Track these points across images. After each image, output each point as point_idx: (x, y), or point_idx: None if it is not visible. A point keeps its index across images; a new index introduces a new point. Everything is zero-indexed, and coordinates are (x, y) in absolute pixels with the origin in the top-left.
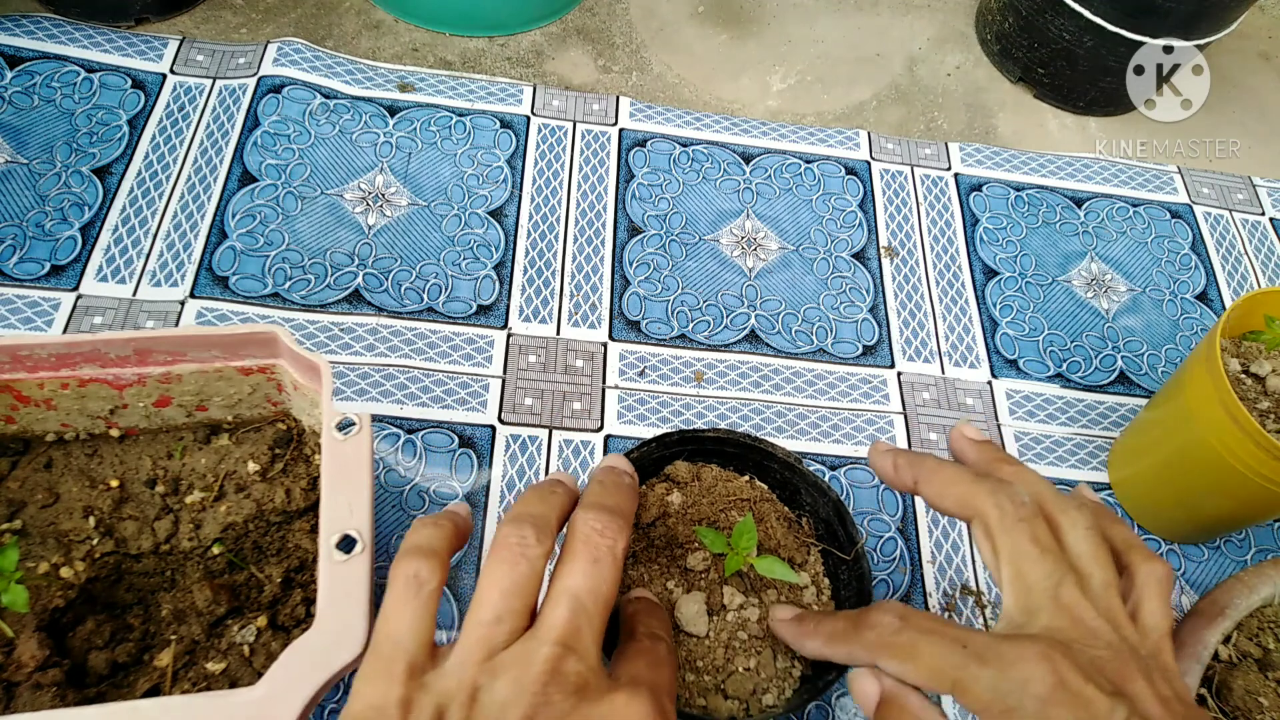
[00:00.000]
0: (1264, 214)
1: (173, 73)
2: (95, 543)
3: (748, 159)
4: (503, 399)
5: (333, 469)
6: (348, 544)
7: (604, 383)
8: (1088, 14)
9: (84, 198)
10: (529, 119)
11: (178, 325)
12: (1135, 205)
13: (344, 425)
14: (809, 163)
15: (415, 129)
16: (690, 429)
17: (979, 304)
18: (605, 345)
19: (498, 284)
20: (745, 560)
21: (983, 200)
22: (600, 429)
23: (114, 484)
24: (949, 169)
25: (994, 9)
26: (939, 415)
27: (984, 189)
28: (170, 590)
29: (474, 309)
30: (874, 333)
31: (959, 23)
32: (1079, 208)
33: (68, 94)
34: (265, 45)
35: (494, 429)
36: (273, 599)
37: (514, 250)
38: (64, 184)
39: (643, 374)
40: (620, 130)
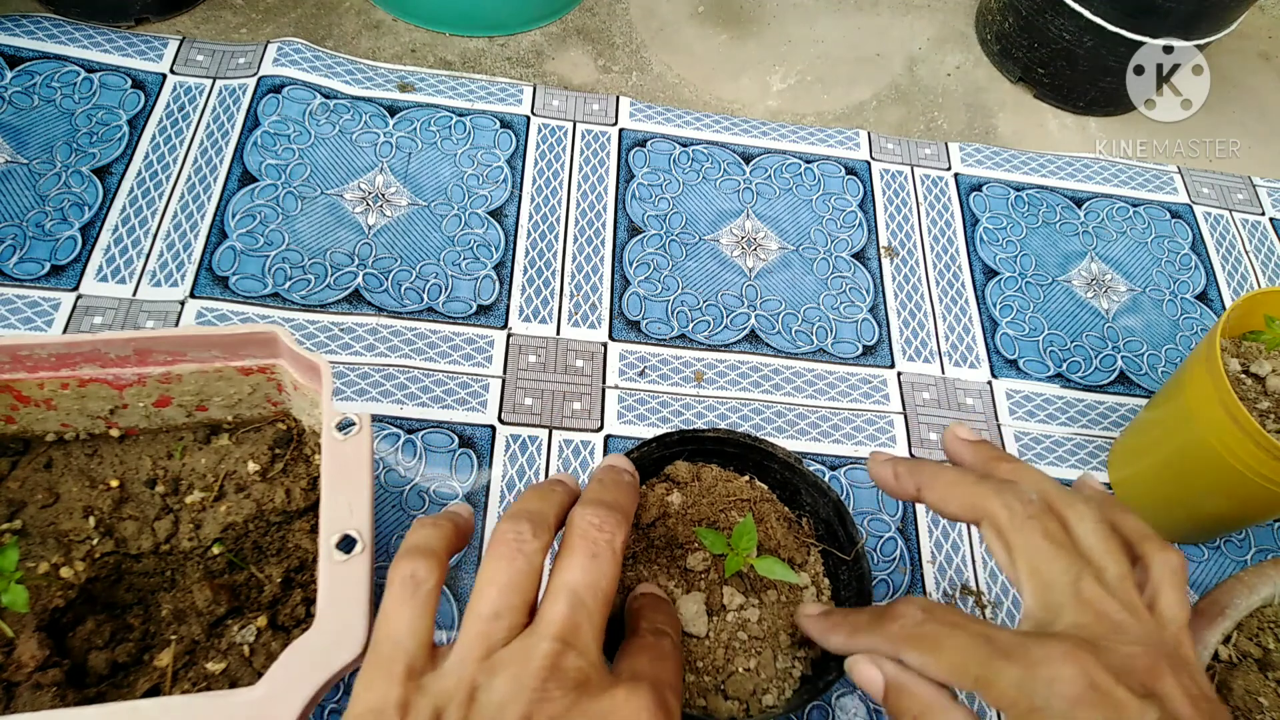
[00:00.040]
0: (1264, 214)
1: (173, 73)
2: (95, 543)
3: (748, 159)
4: (503, 399)
5: (333, 469)
6: (348, 544)
7: (604, 383)
8: (1088, 14)
9: (84, 198)
10: (529, 119)
11: (178, 325)
12: (1135, 205)
13: (344, 425)
14: (809, 163)
15: (415, 129)
16: (690, 429)
17: (979, 304)
18: (605, 345)
19: (498, 284)
20: (745, 561)
21: (983, 200)
22: (600, 429)
23: (114, 484)
24: (949, 169)
25: (994, 9)
26: (939, 415)
27: (984, 189)
28: (170, 590)
29: (474, 309)
30: (874, 333)
31: (959, 23)
32: (1079, 208)
33: (68, 94)
34: (265, 45)
35: (494, 429)
36: (273, 599)
37: (514, 250)
38: (64, 184)
39: (643, 374)
40: (620, 130)
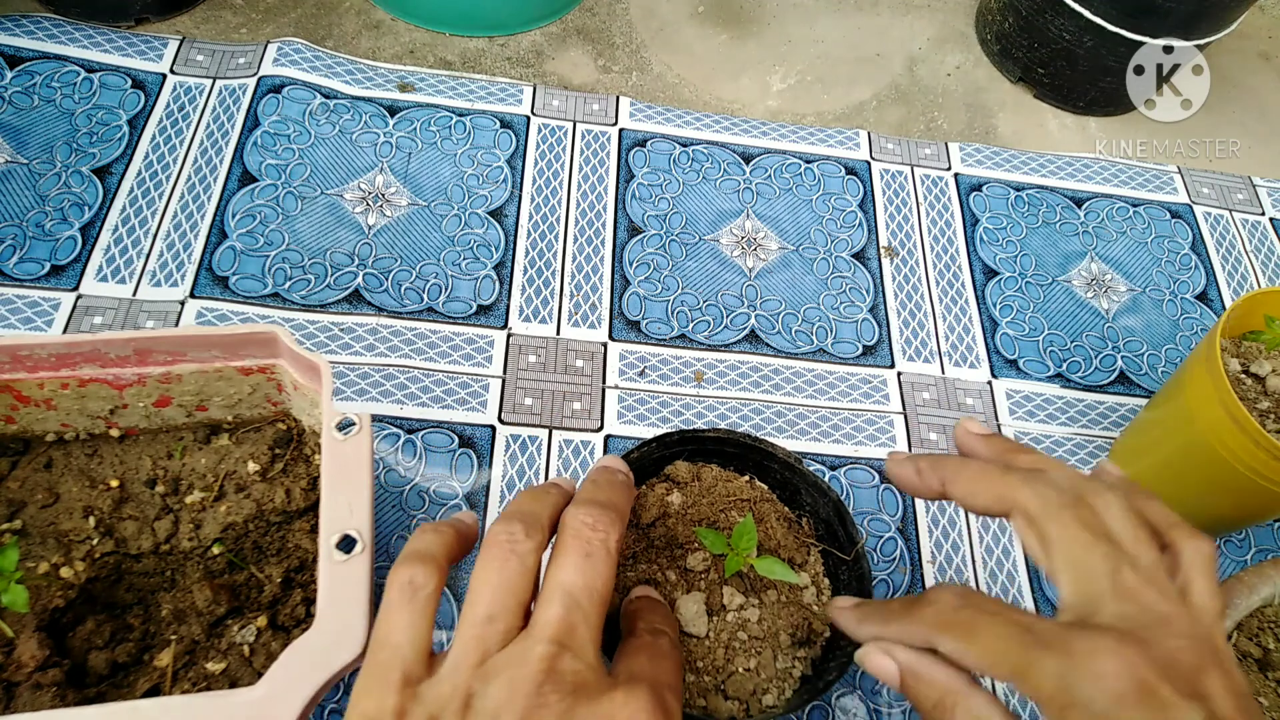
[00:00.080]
0: (1264, 214)
1: (173, 73)
2: (95, 543)
3: (748, 159)
4: (503, 399)
5: (333, 469)
6: (348, 544)
7: (604, 383)
8: (1088, 14)
9: (84, 198)
10: (529, 119)
11: (178, 325)
12: (1135, 205)
13: (344, 425)
14: (809, 163)
15: (415, 129)
16: (690, 429)
17: (979, 304)
18: (605, 345)
19: (498, 284)
20: (745, 561)
21: (983, 200)
22: (600, 429)
23: (114, 484)
24: (949, 169)
25: (994, 9)
26: (939, 415)
27: (984, 189)
28: (170, 590)
29: (474, 309)
30: (874, 333)
31: (959, 23)
32: (1079, 208)
33: (68, 94)
34: (265, 45)
35: (494, 429)
36: (273, 599)
37: (514, 250)
38: (64, 184)
39: (643, 374)
40: (620, 130)
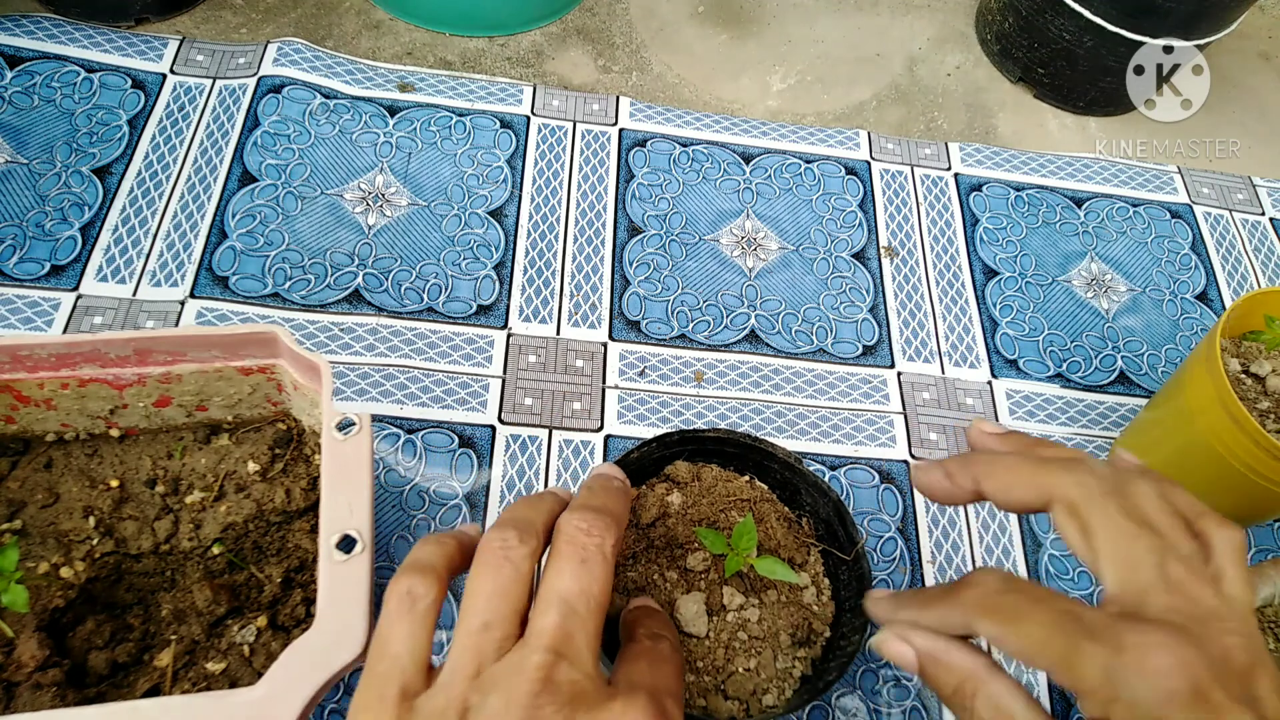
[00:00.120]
0: (1264, 214)
1: (173, 73)
2: (95, 543)
3: (748, 159)
4: (503, 399)
5: (333, 469)
6: (348, 544)
7: (604, 383)
8: (1088, 14)
9: (84, 198)
10: (529, 119)
11: (178, 325)
12: (1135, 205)
13: (344, 425)
14: (809, 163)
15: (415, 129)
16: (690, 429)
17: (979, 304)
18: (605, 345)
19: (498, 284)
20: (745, 561)
21: (983, 200)
22: (600, 429)
23: (114, 484)
24: (949, 169)
25: (994, 9)
26: (939, 415)
27: (984, 189)
28: (170, 590)
29: (474, 309)
30: (874, 333)
31: (959, 23)
32: (1079, 208)
33: (68, 94)
34: (265, 45)
35: (494, 429)
36: (273, 599)
37: (514, 250)
38: (64, 184)
39: (643, 374)
40: (620, 130)
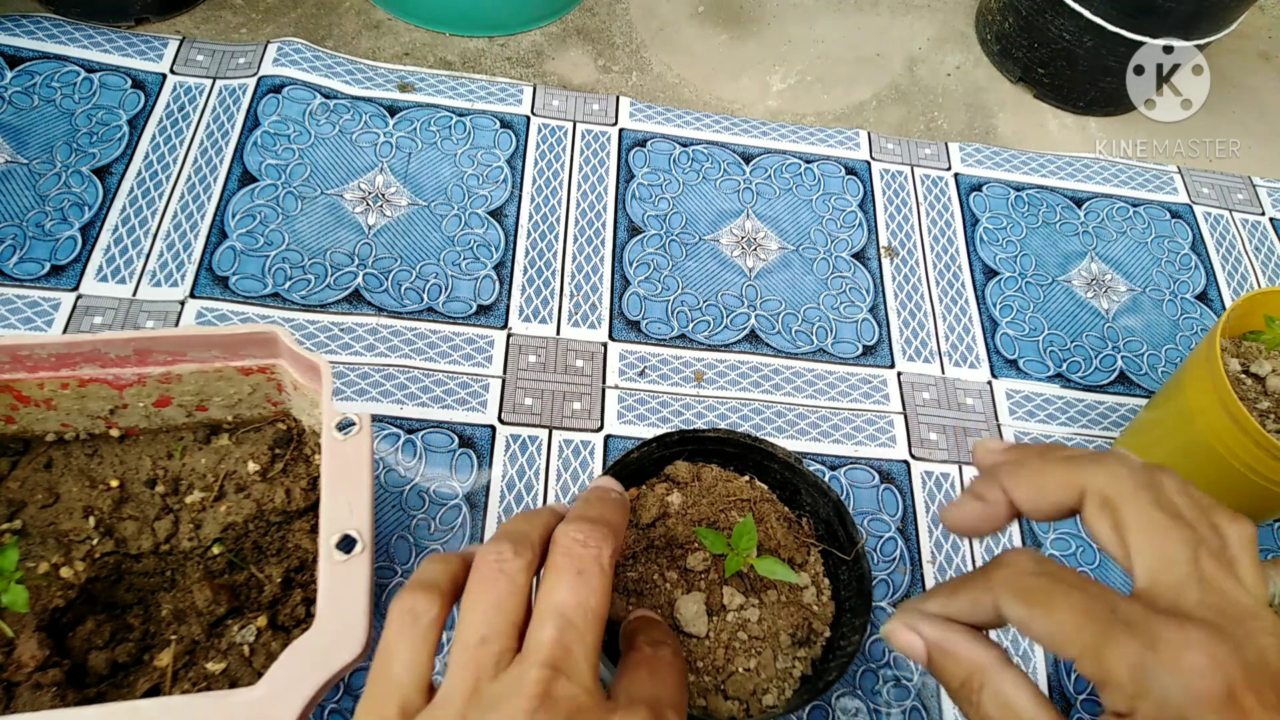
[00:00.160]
0: (1264, 214)
1: (173, 73)
2: (95, 543)
3: (748, 159)
4: (503, 399)
5: (333, 469)
6: (348, 544)
7: (604, 383)
8: (1088, 14)
9: (84, 198)
10: (529, 119)
11: (178, 325)
12: (1135, 205)
13: (344, 425)
14: (809, 163)
15: (415, 129)
16: (690, 429)
17: (979, 304)
18: (605, 345)
19: (498, 284)
20: (745, 561)
21: (983, 200)
22: (600, 429)
23: (114, 484)
24: (949, 169)
25: (994, 9)
26: (939, 415)
27: (984, 189)
28: (170, 590)
29: (474, 309)
30: (874, 333)
31: (959, 23)
32: (1079, 208)
33: (68, 94)
34: (265, 45)
35: (494, 429)
36: (273, 599)
37: (514, 250)
38: (64, 184)
39: (643, 374)
40: (620, 130)
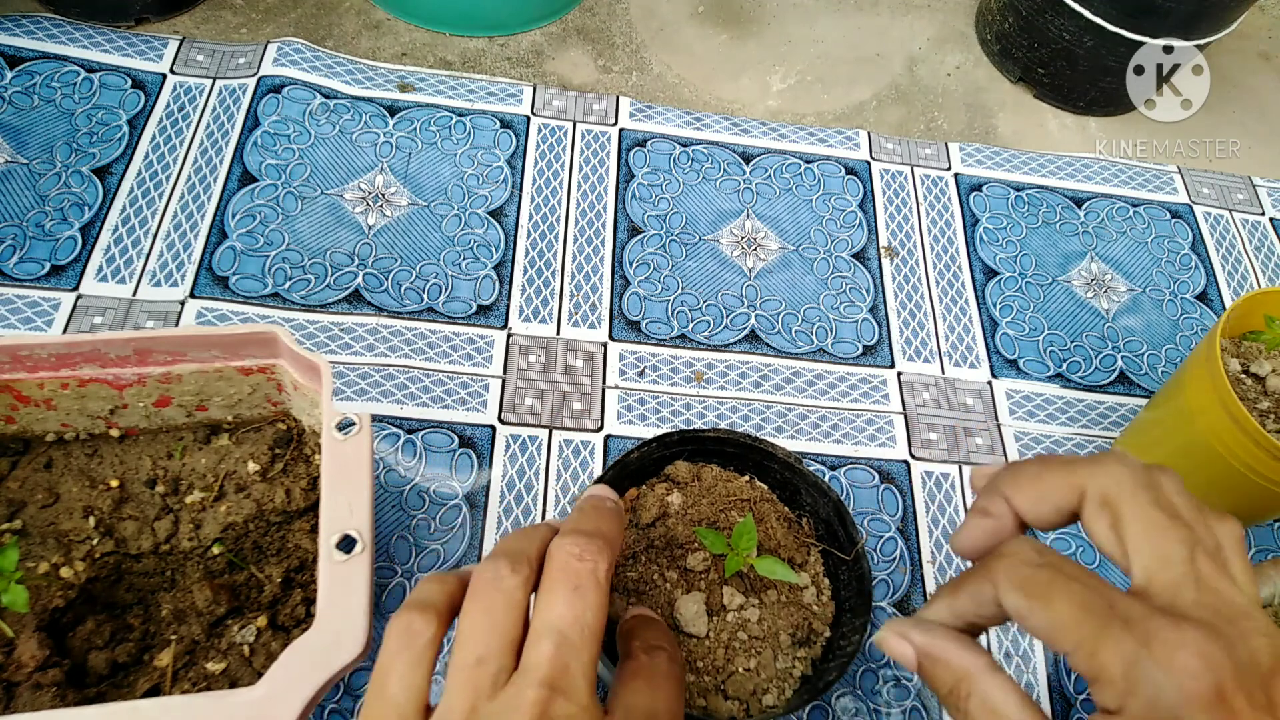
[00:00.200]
0: (1264, 214)
1: (173, 73)
2: (95, 543)
3: (748, 159)
4: (503, 399)
5: (333, 469)
6: (348, 544)
7: (604, 383)
8: (1088, 14)
9: (84, 198)
10: (529, 119)
11: (178, 325)
12: (1135, 205)
13: (344, 425)
14: (809, 163)
15: (415, 129)
16: (690, 429)
17: (979, 304)
18: (605, 345)
19: (498, 284)
20: (745, 561)
21: (983, 200)
22: (600, 429)
23: (114, 484)
24: (949, 169)
25: (994, 9)
26: (939, 415)
27: (984, 189)
28: (170, 590)
29: (474, 309)
30: (874, 333)
31: (959, 23)
32: (1079, 208)
33: (68, 94)
34: (265, 45)
35: (494, 429)
36: (273, 599)
37: (514, 250)
38: (64, 184)
39: (643, 374)
40: (620, 130)
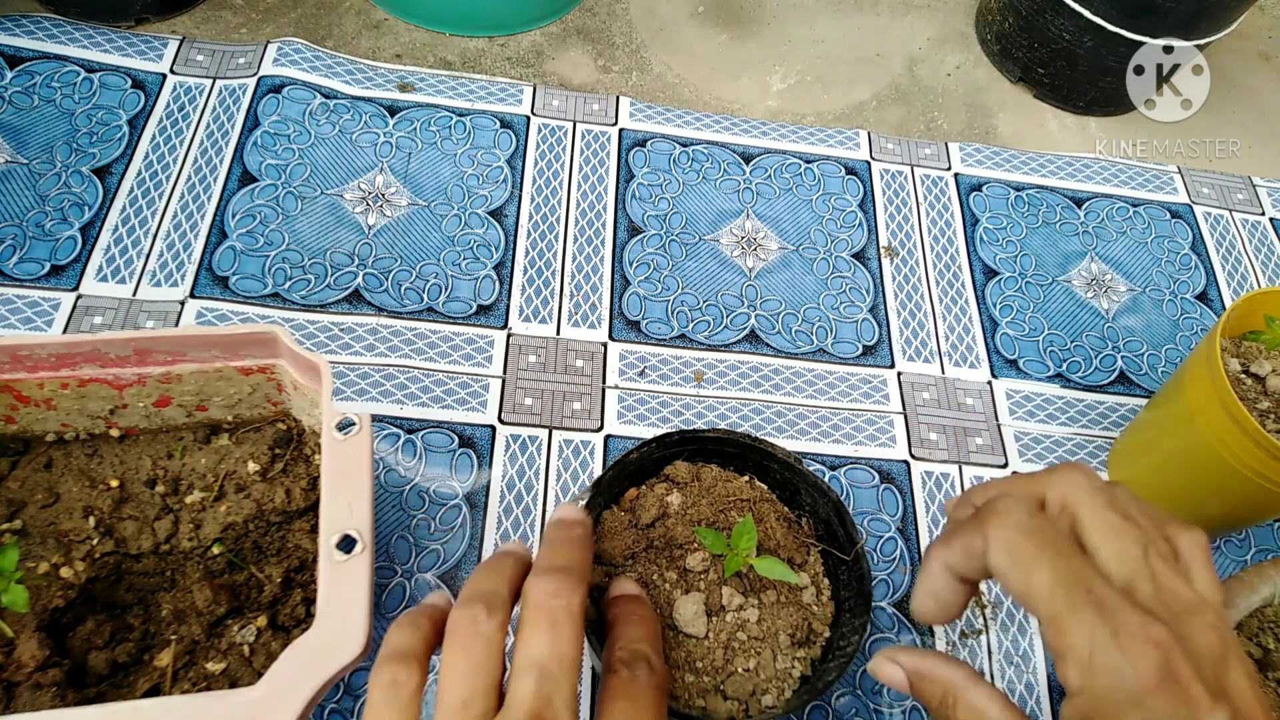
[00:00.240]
0: (1264, 214)
1: (173, 73)
2: (95, 543)
3: (748, 159)
4: (503, 399)
5: (333, 469)
6: (348, 544)
7: (604, 383)
8: (1088, 14)
9: (84, 198)
10: (529, 119)
11: (178, 325)
12: (1135, 205)
13: (344, 425)
14: (809, 163)
15: (415, 129)
16: (690, 429)
17: (979, 304)
18: (605, 345)
19: (498, 284)
20: (745, 561)
21: (983, 200)
22: (600, 429)
23: (114, 484)
24: (949, 169)
25: (994, 9)
26: (939, 415)
27: (984, 189)
28: (170, 590)
29: (474, 309)
30: (874, 333)
31: (959, 23)
32: (1079, 208)
33: (68, 94)
34: (265, 45)
35: (494, 429)
36: (273, 599)
37: (514, 250)
38: (64, 184)
39: (643, 374)
40: (620, 130)
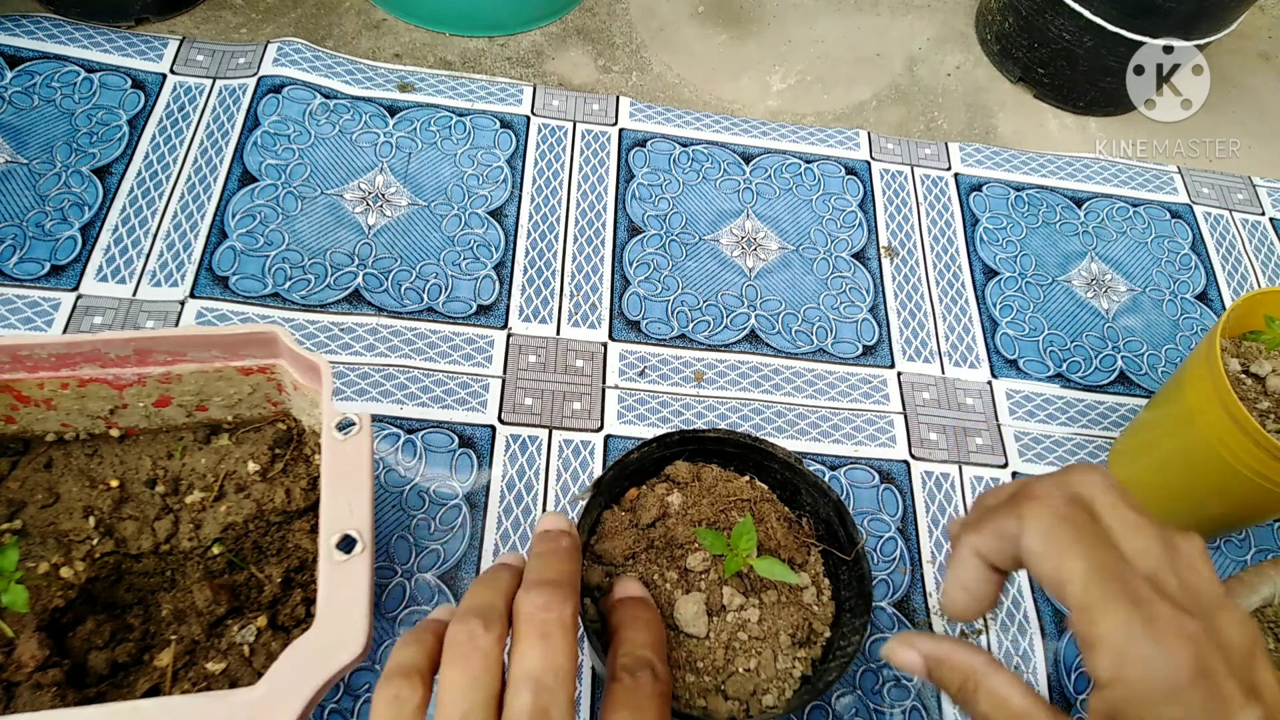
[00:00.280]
0: (1264, 214)
1: (173, 73)
2: (95, 543)
3: (748, 159)
4: (503, 399)
5: (333, 469)
6: (348, 544)
7: (604, 383)
8: (1088, 14)
9: (84, 198)
10: (529, 119)
11: (178, 325)
12: (1135, 205)
13: (344, 425)
14: (809, 163)
15: (415, 129)
16: (690, 429)
17: (979, 304)
18: (605, 345)
19: (498, 284)
20: (745, 561)
21: (983, 200)
22: (600, 429)
23: (114, 484)
24: (949, 169)
25: (994, 9)
26: (939, 415)
27: (984, 189)
28: (170, 590)
29: (474, 309)
30: (874, 333)
31: (959, 23)
32: (1079, 208)
33: (68, 94)
34: (265, 45)
35: (494, 429)
36: (273, 599)
37: (514, 250)
38: (64, 184)
39: (643, 374)
40: (620, 130)
